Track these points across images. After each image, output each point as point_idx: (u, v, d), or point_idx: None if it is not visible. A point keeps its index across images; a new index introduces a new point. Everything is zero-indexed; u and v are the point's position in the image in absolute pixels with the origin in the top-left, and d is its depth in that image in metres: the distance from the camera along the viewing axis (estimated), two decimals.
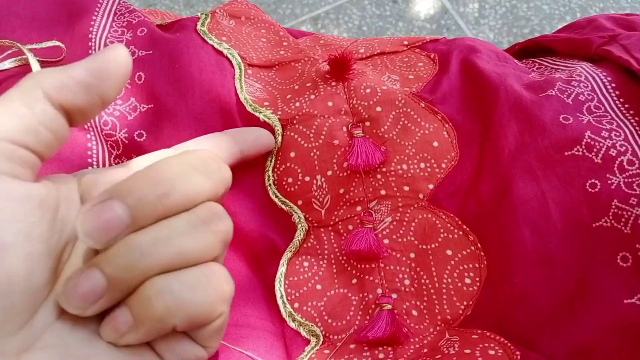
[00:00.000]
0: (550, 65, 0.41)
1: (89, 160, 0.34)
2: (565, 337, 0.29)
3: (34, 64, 0.35)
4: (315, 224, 0.36)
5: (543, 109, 0.34)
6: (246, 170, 0.36)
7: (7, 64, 0.36)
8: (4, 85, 0.35)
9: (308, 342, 0.33)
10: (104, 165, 0.34)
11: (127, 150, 0.35)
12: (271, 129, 0.36)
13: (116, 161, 0.35)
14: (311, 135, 0.35)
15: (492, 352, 0.29)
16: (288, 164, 0.36)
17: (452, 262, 0.33)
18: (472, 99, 0.36)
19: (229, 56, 0.39)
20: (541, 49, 0.45)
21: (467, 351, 0.30)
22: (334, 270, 0.35)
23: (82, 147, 0.35)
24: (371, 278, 0.34)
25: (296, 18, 1.38)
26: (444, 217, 0.34)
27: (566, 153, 0.32)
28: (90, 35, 0.38)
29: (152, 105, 0.36)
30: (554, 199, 0.32)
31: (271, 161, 0.36)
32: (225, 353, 0.31)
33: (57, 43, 0.37)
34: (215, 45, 0.39)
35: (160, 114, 0.35)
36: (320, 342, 0.33)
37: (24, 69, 0.36)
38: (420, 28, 1.36)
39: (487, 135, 0.34)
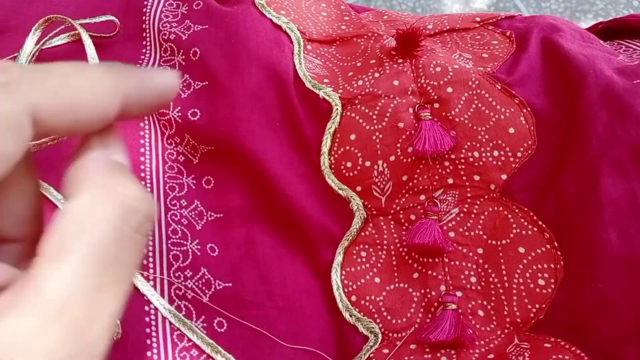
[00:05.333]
0: None
1: (142, 141, 0.33)
2: None
3: (87, 40, 0.33)
4: (375, 212, 0.33)
5: (638, 98, 0.30)
6: (299, 151, 0.34)
7: (60, 40, 0.35)
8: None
9: (365, 339, 0.31)
10: (156, 146, 0.33)
11: (181, 129, 0.33)
12: (330, 108, 0.34)
13: (169, 141, 0.33)
14: (374, 116, 0.33)
15: None
16: (347, 147, 0.33)
17: (525, 261, 0.30)
18: (555, 82, 0.32)
19: (288, 31, 0.36)
20: (628, 30, 0.41)
21: None
22: (394, 263, 0.32)
23: (134, 126, 0.33)
24: (434, 273, 0.31)
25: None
26: (517, 211, 0.31)
27: None
28: (144, 9, 0.36)
29: (207, 83, 0.34)
30: None
31: (327, 142, 0.34)
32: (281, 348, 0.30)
33: (111, 17, 0.35)
34: (274, 20, 0.36)
35: (215, 92, 0.33)
36: (379, 341, 0.30)
37: (77, 45, 0.34)
38: (476, 11, 1.30)
39: (572, 124, 0.31)
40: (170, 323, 0.29)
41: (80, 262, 0.16)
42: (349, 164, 0.33)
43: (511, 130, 0.32)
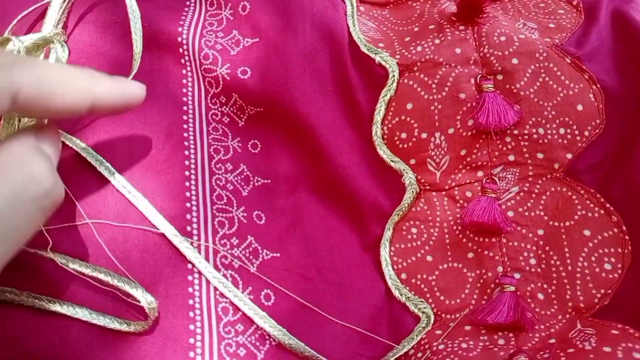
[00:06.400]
0: None
1: (184, 98, 0.31)
2: None
3: None
4: (428, 187, 0.32)
5: None
6: (351, 118, 0.32)
7: None
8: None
9: (416, 319, 0.29)
10: (199, 105, 0.31)
11: (228, 88, 0.31)
12: (386, 74, 0.32)
13: (213, 101, 0.31)
14: (434, 85, 0.31)
15: (637, 356, 0.25)
16: (403, 117, 0.31)
17: (590, 244, 0.29)
18: (626, 58, 0.31)
19: None
20: None
21: (607, 349, 0.26)
22: (447, 241, 0.31)
23: (177, 83, 0.31)
24: (491, 254, 0.30)
25: None
26: (582, 192, 0.30)
27: None
28: None
29: (257, 40, 0.31)
30: None
31: (381, 111, 0.32)
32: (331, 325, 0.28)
33: None
34: None
35: (266, 49, 0.31)
36: (432, 323, 0.29)
37: None
38: None
39: None
40: (215, 295, 0.27)
41: None
42: (403, 135, 0.31)
43: (579, 108, 0.30)
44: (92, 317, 0.24)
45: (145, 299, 0.24)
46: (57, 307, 0.24)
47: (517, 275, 0.29)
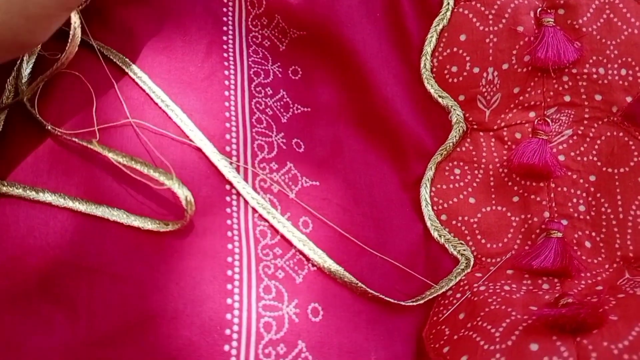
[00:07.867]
0: None
1: (225, 18, 0.29)
2: None
3: None
4: (475, 127, 0.30)
5: None
6: (398, 48, 0.30)
7: None
8: None
9: (455, 261, 0.28)
10: (239, 27, 0.29)
11: (271, 8, 0.29)
12: (440, 1, 0.30)
13: (254, 22, 0.29)
14: (490, 16, 0.29)
15: None
16: (455, 49, 0.29)
17: None
18: None
19: None
20: None
21: None
22: (491, 184, 0.29)
23: (217, 2, 0.29)
24: (538, 198, 0.28)
25: None
26: None
27: None
28: None
29: None
30: None
31: (431, 42, 0.30)
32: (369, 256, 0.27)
33: None
34: None
35: None
36: (472, 265, 0.28)
37: None
38: None
39: None
40: (253, 217, 0.25)
41: None
42: (454, 69, 0.29)
43: None
44: (130, 219, 0.23)
45: (182, 191, 0.23)
46: (93, 209, 0.23)
47: (564, 222, 0.28)
